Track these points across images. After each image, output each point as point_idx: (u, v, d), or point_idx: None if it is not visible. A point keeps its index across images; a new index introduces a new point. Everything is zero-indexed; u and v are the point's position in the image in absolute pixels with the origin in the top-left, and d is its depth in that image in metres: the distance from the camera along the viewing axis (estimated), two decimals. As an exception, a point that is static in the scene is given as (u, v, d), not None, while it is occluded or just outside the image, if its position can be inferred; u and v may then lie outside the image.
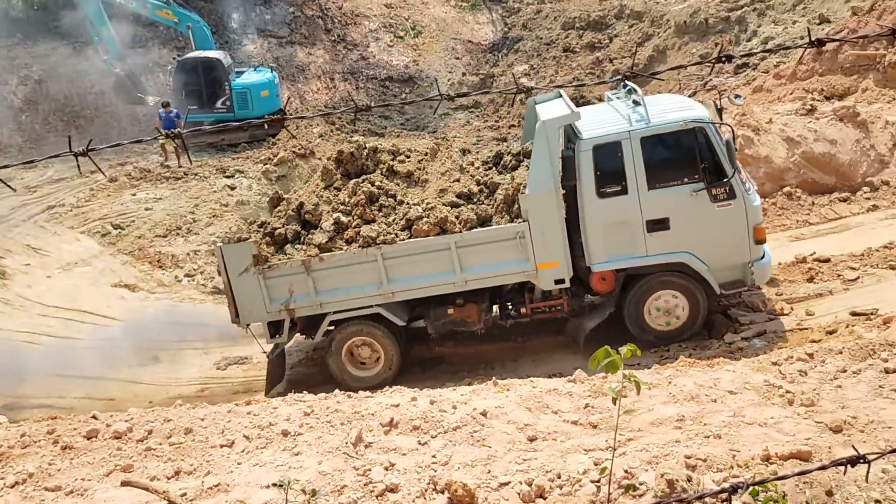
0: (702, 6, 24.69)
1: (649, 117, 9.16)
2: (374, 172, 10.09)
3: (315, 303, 9.64)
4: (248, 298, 9.59)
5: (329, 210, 9.87)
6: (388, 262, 9.41)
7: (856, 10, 16.77)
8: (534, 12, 29.91)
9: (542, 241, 9.29)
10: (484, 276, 9.56)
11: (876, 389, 5.34)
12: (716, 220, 9.26)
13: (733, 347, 9.28)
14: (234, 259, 9.50)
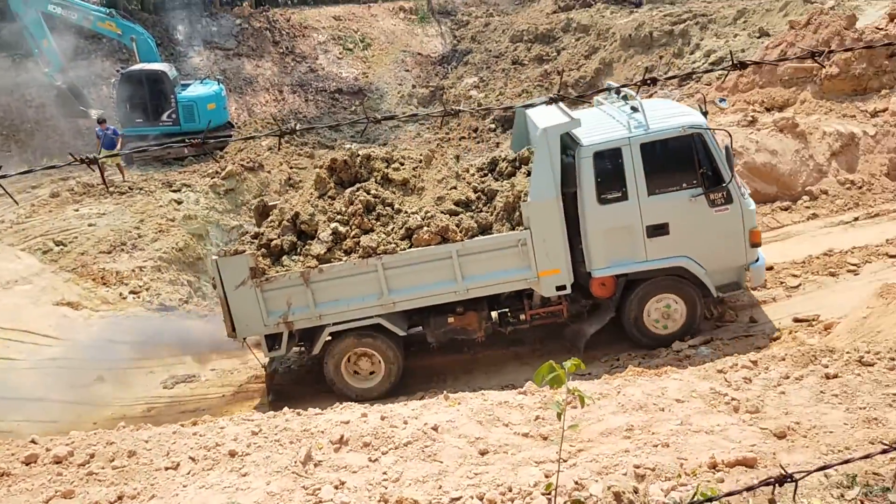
0: (646, 20, 25.20)
1: (648, 123, 9.21)
2: (368, 180, 9.89)
3: (314, 315, 9.44)
4: (245, 312, 9.34)
5: (325, 220, 9.65)
6: (388, 273, 9.27)
7: (793, 24, 17.27)
8: (482, 25, 30.18)
9: (544, 249, 9.27)
10: (485, 285, 9.49)
11: (818, 395, 5.46)
12: (713, 225, 9.36)
13: (681, 355, 9.41)
14: (231, 272, 9.23)
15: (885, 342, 6.19)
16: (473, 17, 31.09)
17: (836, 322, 8.53)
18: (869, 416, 5.03)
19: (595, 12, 28.28)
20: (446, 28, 30.51)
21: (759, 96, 15.99)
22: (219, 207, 17.82)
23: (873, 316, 7.92)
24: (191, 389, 11.07)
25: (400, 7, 31.54)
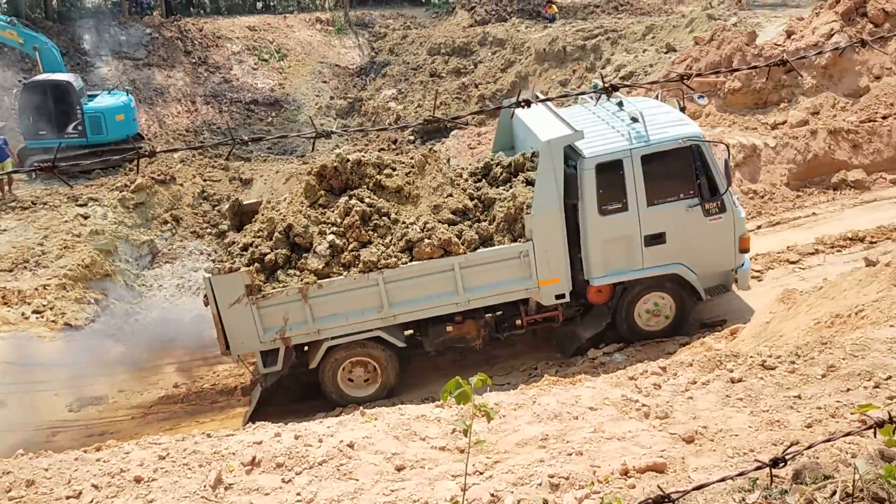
0: (560, 35, 25.74)
1: (649, 135, 9.29)
2: (360, 187, 9.57)
3: (312, 330, 9.24)
4: (240, 329, 9.03)
5: (319, 232, 9.31)
6: (389, 286, 9.11)
7: (698, 41, 17.95)
8: (400, 37, 30.23)
9: (545, 259, 9.33)
10: (486, 296, 9.48)
11: (723, 399, 5.62)
12: (707, 233, 9.60)
13: (596, 363, 9.60)
14: (224, 290, 8.89)
15: (786, 346, 6.44)
16: (391, 30, 31.12)
17: (742, 327, 8.85)
18: (772, 419, 5.20)
19: (510, 27, 28.73)
20: (364, 40, 30.43)
21: (667, 109, 16.53)
22: (128, 222, 17.22)
23: (775, 321, 8.26)
24: (98, 412, 10.63)
25: (317, 18, 31.30)
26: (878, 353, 5.75)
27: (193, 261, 16.92)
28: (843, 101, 15.40)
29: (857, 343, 5.97)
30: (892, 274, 7.28)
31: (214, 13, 32.80)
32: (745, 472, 2.28)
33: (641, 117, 9.42)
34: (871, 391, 5.31)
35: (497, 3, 31.46)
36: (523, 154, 10.01)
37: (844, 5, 16.25)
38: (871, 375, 5.45)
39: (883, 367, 5.52)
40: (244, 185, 20.24)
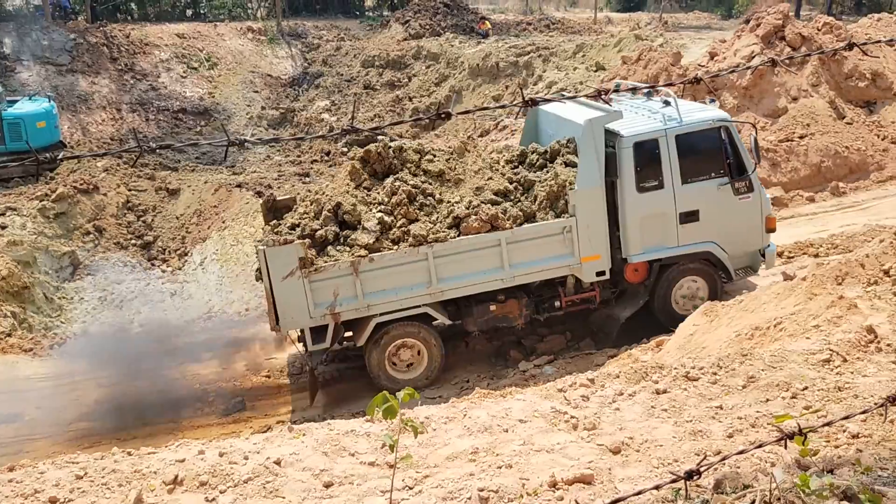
0: (493, 51, 26.07)
1: (681, 117, 9.78)
2: (402, 171, 9.82)
3: (363, 305, 9.31)
4: (291, 304, 9.06)
5: (367, 210, 9.50)
6: (438, 261, 9.29)
7: (626, 60, 18.43)
8: (334, 49, 30.12)
9: (587, 235, 9.64)
10: (531, 272, 9.73)
11: (649, 410, 5.73)
12: (737, 212, 10.09)
13: (527, 375, 9.68)
14: (279, 262, 8.92)
15: (709, 358, 6.61)
16: (324, 41, 30.98)
17: (667, 339, 9.06)
18: (695, 429, 5.32)
19: (444, 41, 28.96)
20: (297, 50, 30.19)
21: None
22: (48, 232, 16.58)
23: (699, 333, 8.48)
24: (15, 430, 10.16)
25: (248, 27, 30.91)
26: (795, 365, 5.96)
27: (117, 273, 16.39)
28: (762, 121, 16.01)
29: (776, 355, 6.17)
30: (808, 288, 7.56)
31: (142, 20, 32.05)
32: (660, 484, 2.32)
33: (674, 101, 10.00)
34: (788, 401, 5.49)
35: (431, 18, 31.70)
36: (558, 141, 10.26)
37: (764, 29, 16.93)
38: (788, 386, 5.64)
39: (800, 378, 5.73)
40: (171, 196, 19.74)
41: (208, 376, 11.24)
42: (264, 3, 36.22)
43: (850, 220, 13.61)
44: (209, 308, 14.05)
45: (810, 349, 6.19)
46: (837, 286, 7.21)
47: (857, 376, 5.78)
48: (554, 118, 10.51)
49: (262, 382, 11.11)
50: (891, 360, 5.92)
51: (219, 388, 10.96)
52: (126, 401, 10.47)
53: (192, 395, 10.72)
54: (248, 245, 15.84)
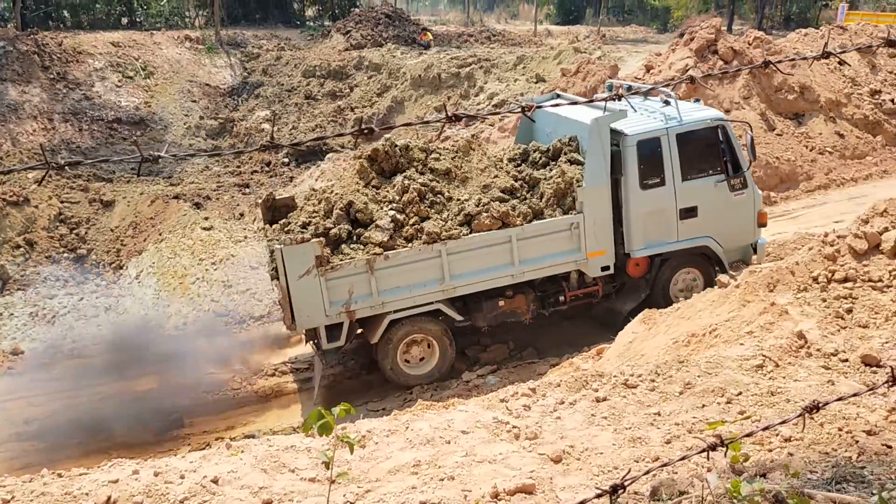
0: (435, 62, 26.17)
1: (681, 116, 10.16)
2: (409, 169, 9.94)
3: (377, 303, 9.42)
4: (307, 302, 9.13)
5: (378, 208, 9.63)
6: (451, 258, 9.46)
7: (564, 72, 18.70)
8: (274, 58, 29.81)
9: (594, 231, 9.96)
10: (539, 267, 9.97)
11: (589, 418, 5.78)
12: (732, 207, 10.54)
13: (470, 385, 9.69)
14: (295, 261, 8.97)
15: (647, 365, 6.71)
16: (264, 50, 30.64)
17: (607, 347, 9.18)
18: (634, 436, 5.39)
19: (386, 52, 28.96)
20: (236, 59, 29.78)
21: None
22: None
23: (637, 340, 8.61)
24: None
25: (186, 36, 30.37)
26: (730, 371, 6.10)
27: (49, 287, 15.86)
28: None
29: (711, 361, 6.31)
30: (741, 295, 7.75)
31: (75, 27, 31.20)
32: (586, 499, 2.33)
33: (674, 101, 10.42)
34: (723, 406, 5.61)
35: (373, 29, 31.68)
36: (560, 140, 10.48)
37: (698, 43, 17.40)
38: (723, 391, 5.76)
39: (734, 384, 5.86)
40: (105, 208, 19.22)
41: (149, 392, 10.94)
42: (202, 12, 35.67)
43: (781, 228, 14.04)
44: (144, 323, 13.68)
45: (744, 355, 6.35)
46: (769, 293, 7.41)
47: (789, 381, 5.94)
48: (553, 117, 10.67)
49: (203, 398, 10.86)
50: (820, 365, 6.11)
51: (157, 406, 10.67)
52: (62, 420, 10.12)
53: (129, 412, 10.41)
54: (185, 257, 15.52)
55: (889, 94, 18.15)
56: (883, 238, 7.05)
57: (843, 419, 5.08)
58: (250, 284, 14.25)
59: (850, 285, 6.93)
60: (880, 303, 6.65)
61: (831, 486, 3.19)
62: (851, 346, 6.25)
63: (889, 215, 7.28)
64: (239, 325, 12.94)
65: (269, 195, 11.25)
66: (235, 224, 17.82)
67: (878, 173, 16.78)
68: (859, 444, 3.78)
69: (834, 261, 7.19)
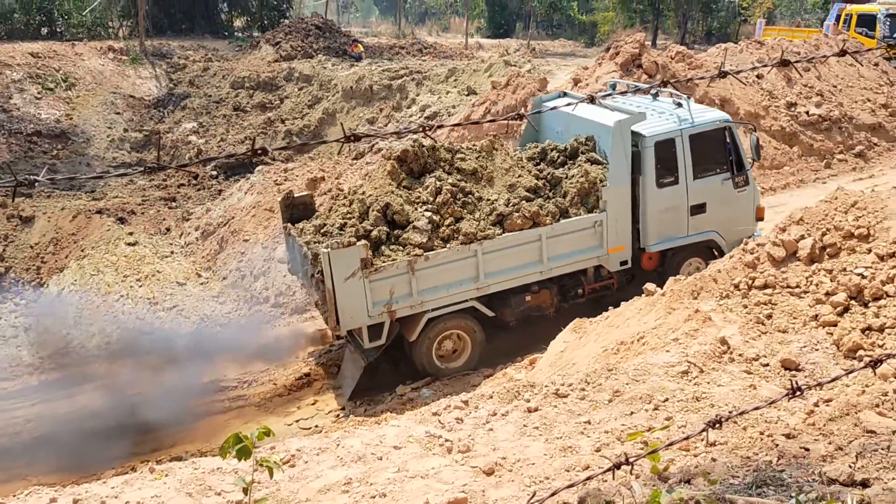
0: (366, 74, 26.09)
1: (693, 118, 10.75)
2: (437, 170, 10.20)
3: (416, 302, 9.68)
4: (351, 304, 9.30)
5: (413, 209, 9.84)
6: (485, 257, 9.78)
7: (495, 85, 18.88)
8: (201, 69, 29.25)
9: (615, 228, 10.47)
10: (565, 264, 10.43)
11: (521, 429, 5.80)
12: (735, 203, 11.21)
13: (404, 399, 9.63)
14: (341, 264, 9.14)
15: (578, 374, 6.78)
16: (191, 61, 30.02)
17: (539, 357, 9.25)
18: (564, 445, 5.43)
19: (317, 63, 28.74)
20: (162, 71, 29.09)
21: (468, 149, 17.19)
22: None
23: (569, 349, 8.71)
24: None
25: (109, 47, 29.53)
26: (657, 377, 6.21)
27: (-39, 308, 15.13)
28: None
29: (639, 368, 6.41)
30: (667, 303, 7.93)
31: (-9, 36, 30.03)
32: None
33: (686, 103, 11.01)
34: (651, 413, 5.70)
35: (303, 40, 31.41)
36: (577, 139, 10.94)
37: (623, 57, 17.81)
38: (651, 398, 5.86)
39: (661, 390, 5.97)
40: (24, 224, 18.49)
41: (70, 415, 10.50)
42: (126, 22, 34.76)
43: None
44: (66, 343, 13.17)
45: (670, 362, 6.47)
46: (693, 300, 7.59)
47: (713, 386, 6.08)
48: (566, 116, 10.93)
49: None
50: (742, 370, 6.27)
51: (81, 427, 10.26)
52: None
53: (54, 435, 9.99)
54: (109, 274, 15.02)
55: (804, 106, 18.92)
56: (800, 245, 7.30)
57: (766, 422, 5.23)
58: (177, 301, 13.88)
59: (769, 291, 7.15)
60: (798, 308, 6.88)
61: (752, 490, 3.27)
62: (772, 351, 6.44)
63: (805, 224, 7.55)
64: (165, 343, 12.57)
65: (289, 193, 11.37)
66: (161, 239, 17.35)
67: (796, 182, 17.44)
68: (779, 448, 3.88)
69: (754, 268, 7.41)
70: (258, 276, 14.26)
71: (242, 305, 13.66)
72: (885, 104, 20.20)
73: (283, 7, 40.99)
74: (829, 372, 6.07)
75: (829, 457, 3.62)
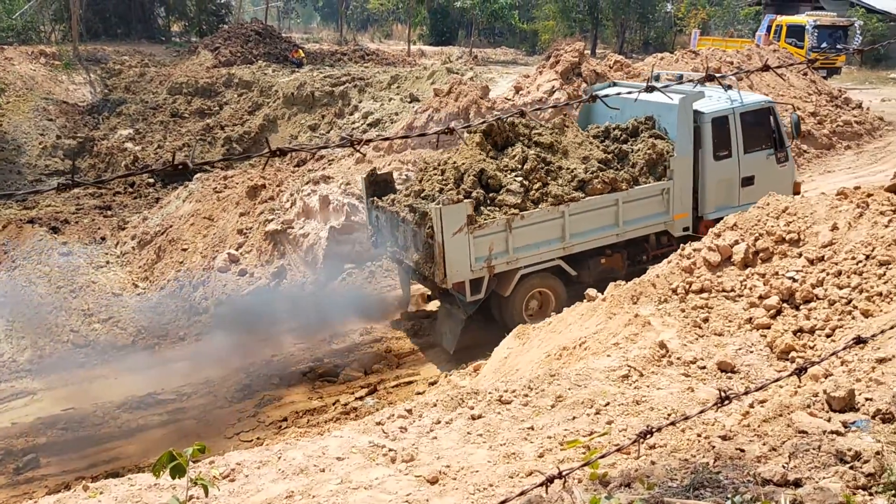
0: (308, 80, 25.88)
1: (742, 98, 11.98)
2: (517, 143, 11.06)
3: (512, 259, 10.47)
4: (457, 258, 10.06)
5: (504, 175, 10.71)
6: (571, 219, 10.66)
7: (437, 92, 18.94)
8: (137, 75, 28.62)
9: (680, 196, 11.49)
10: (637, 228, 11.35)
11: (465, 436, 5.80)
12: (778, 177, 12.16)
13: (348, 408, 9.54)
14: (450, 220, 9.88)
15: (521, 380, 6.82)
16: (127, 67, 29.35)
17: (484, 363, 9.28)
18: (508, 452, 5.45)
19: (257, 69, 28.40)
20: (96, 76, 28.35)
21: (411, 156, 17.16)
22: None
23: (512, 355, 8.76)
24: None
25: (41, 51, 28.66)
26: (598, 382, 6.28)
27: None
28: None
29: (581, 373, 6.48)
30: (607, 308, 8.04)
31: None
32: None
33: (736, 85, 12.26)
34: (592, 417, 5.76)
35: (243, 46, 31.02)
36: (636, 119, 12.09)
37: (563, 65, 18.07)
38: (592, 403, 5.92)
39: (602, 394, 6.04)
40: (-51, 234, 17.73)
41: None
42: (59, 27, 33.78)
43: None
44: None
45: (611, 366, 6.56)
46: (633, 305, 7.71)
47: (653, 389, 6.18)
48: (620, 100, 11.81)
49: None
50: (681, 373, 6.40)
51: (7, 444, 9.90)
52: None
53: None
54: (41, 285, 14.52)
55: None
56: (734, 250, 7.50)
57: (703, 424, 5.33)
58: (113, 312, 13.50)
59: (705, 296, 7.31)
60: (733, 311, 7.06)
61: (690, 492, 3.32)
62: (708, 354, 6.58)
63: (739, 229, 7.76)
64: (101, 356, 12.22)
65: (372, 170, 12.44)
66: (96, 248, 16.86)
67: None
68: (716, 450, 3.96)
69: (691, 273, 7.57)
70: (197, 286, 13.97)
71: (181, 316, 13.35)
72: (814, 112, 20.95)
73: (222, 12, 40.48)
74: (763, 374, 6.24)
75: (764, 457, 3.70)
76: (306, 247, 14.04)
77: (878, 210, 7.20)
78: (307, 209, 14.49)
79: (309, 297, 13.07)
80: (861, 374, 4.87)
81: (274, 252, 14.32)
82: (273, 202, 15.40)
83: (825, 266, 6.97)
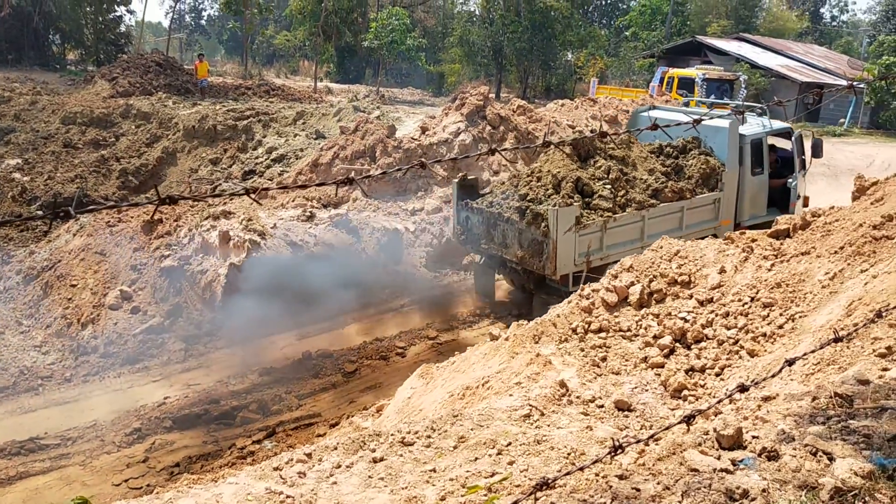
0: (210, 113, 25.37)
1: (771, 124, 14.49)
2: (596, 155, 12.60)
3: (605, 255, 11.98)
4: (565, 254, 11.56)
5: (594, 182, 12.26)
6: (648, 221, 12.27)
7: (344, 130, 18.92)
8: (28, 103, 27.35)
9: (726, 205, 13.47)
10: (694, 231, 12.70)
11: (366, 480, 5.68)
12: (790, 190, 14.43)
13: (245, 452, 9.22)
14: (563, 220, 11.41)
15: (424, 421, 6.76)
16: (17, 94, 28.00)
17: (387, 403, 9.17)
18: (410, 496, 5.36)
19: (156, 101, 27.65)
20: (-17, 103, 26.91)
21: (316, 193, 17.02)
22: None
23: (416, 395, 8.70)
24: None
25: (-80, 73, 27.03)
26: (500, 422, 6.31)
27: None
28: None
29: (483, 413, 6.49)
30: (510, 347, 8.12)
31: None
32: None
33: (766, 112, 14.76)
34: (494, 458, 5.76)
35: (142, 76, 30.19)
36: (684, 139, 13.74)
37: (468, 108, 18.41)
38: (494, 443, 5.92)
39: (504, 434, 6.05)
40: None
41: None
42: (-59, 48, 32.06)
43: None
44: None
45: (513, 405, 6.60)
46: (535, 344, 7.82)
47: (553, 428, 6.25)
48: (665, 122, 13.10)
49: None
50: (580, 412, 6.50)
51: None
52: None
53: None
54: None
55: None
56: (630, 291, 7.74)
57: (602, 464, 5.42)
58: (-8, 353, 12.66)
59: (603, 335, 7.50)
60: (629, 350, 7.26)
61: (588, 533, 3.35)
62: (606, 393, 6.73)
63: (634, 271, 8.02)
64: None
65: (463, 175, 14.11)
66: (-24, 285, 15.83)
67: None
68: (612, 490, 4.02)
69: (590, 312, 7.76)
70: (86, 324, 13.29)
71: (68, 356, 12.64)
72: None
73: (121, 42, 39.31)
74: (657, 412, 6.42)
75: (658, 496, 3.79)
76: (204, 284, 13.61)
77: (761, 255, 7.61)
78: (206, 245, 14.09)
79: (205, 335, 12.64)
80: (748, 412, 5.07)
81: (170, 289, 13.81)
82: (170, 237, 14.90)
83: (714, 307, 7.28)
